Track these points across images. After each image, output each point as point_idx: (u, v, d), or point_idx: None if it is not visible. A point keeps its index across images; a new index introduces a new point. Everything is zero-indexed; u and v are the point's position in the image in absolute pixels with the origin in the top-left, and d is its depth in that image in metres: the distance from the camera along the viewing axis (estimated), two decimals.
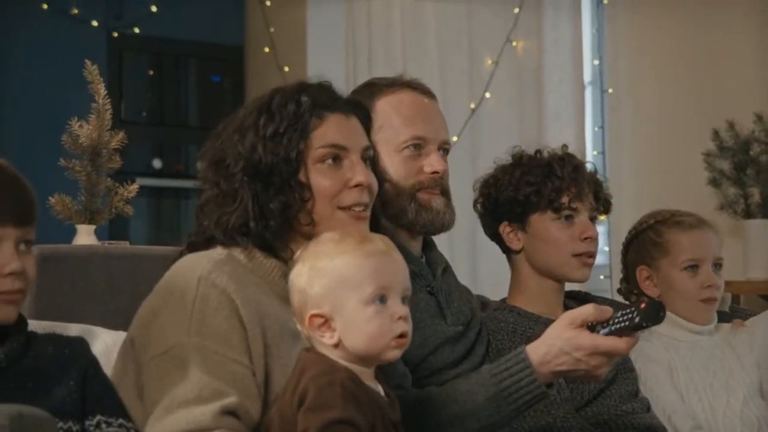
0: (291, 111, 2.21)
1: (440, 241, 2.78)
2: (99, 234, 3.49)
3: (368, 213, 2.28)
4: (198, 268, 2.11)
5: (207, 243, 2.21)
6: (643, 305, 2.13)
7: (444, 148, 2.64)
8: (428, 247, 2.70)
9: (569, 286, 2.88)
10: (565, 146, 2.83)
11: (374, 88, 2.63)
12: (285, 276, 2.16)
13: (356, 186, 2.23)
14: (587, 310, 2.23)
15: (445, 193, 2.62)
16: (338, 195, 2.22)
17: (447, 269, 2.71)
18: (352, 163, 2.24)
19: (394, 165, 2.57)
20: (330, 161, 2.22)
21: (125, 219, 5.11)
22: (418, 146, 2.59)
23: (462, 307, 2.67)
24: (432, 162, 2.59)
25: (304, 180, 2.20)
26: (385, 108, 2.59)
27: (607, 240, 5.14)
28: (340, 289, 2.01)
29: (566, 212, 2.74)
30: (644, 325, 2.13)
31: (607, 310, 2.21)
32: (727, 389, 2.91)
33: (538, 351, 2.25)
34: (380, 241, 2.08)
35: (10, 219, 1.88)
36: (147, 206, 6.35)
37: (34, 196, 1.93)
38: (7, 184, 1.90)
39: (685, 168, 5.04)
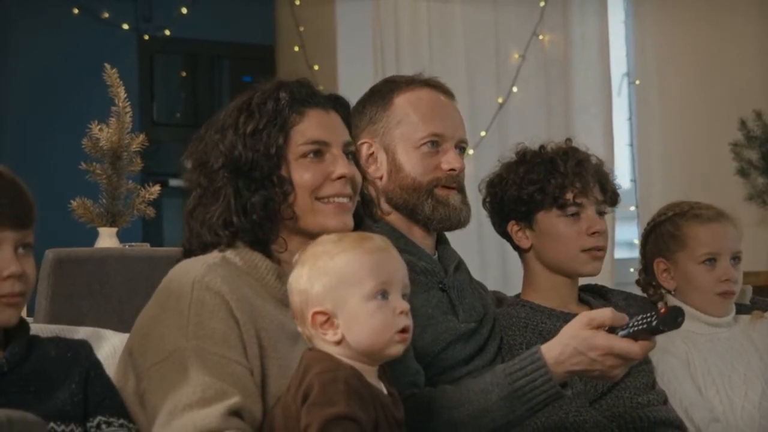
0: (270, 108, 2.23)
1: (454, 237, 2.79)
2: (130, 236, 3.52)
3: (352, 205, 2.29)
4: (192, 273, 2.13)
5: (203, 249, 2.23)
6: (663, 310, 2.14)
7: (461, 146, 2.65)
8: (441, 243, 2.71)
9: (585, 280, 2.88)
10: (569, 140, 2.82)
11: (393, 84, 2.66)
12: (280, 278, 2.18)
13: (339, 178, 2.24)
14: (605, 314, 2.22)
15: (461, 190, 2.64)
16: (320, 187, 2.24)
17: (460, 266, 2.71)
18: (333, 157, 2.25)
19: (411, 161, 2.60)
20: (312, 156, 2.24)
21: (158, 221, 5.16)
22: (435, 143, 2.60)
23: (474, 304, 2.67)
24: (449, 159, 2.60)
25: (285, 175, 2.21)
26: (403, 104, 2.61)
27: (637, 233, 5.11)
28: (342, 286, 2.03)
29: (571, 208, 2.73)
30: (662, 329, 2.13)
31: (623, 317, 2.20)
32: (745, 382, 2.88)
33: (553, 350, 2.24)
34: (378, 239, 2.10)
35: (8, 222, 1.91)
36: (182, 207, 6.37)
37: (31, 200, 1.96)
38: (4, 188, 1.92)
39: (714, 158, 5.01)
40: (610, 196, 2.82)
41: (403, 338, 2.04)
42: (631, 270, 5.11)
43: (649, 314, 2.15)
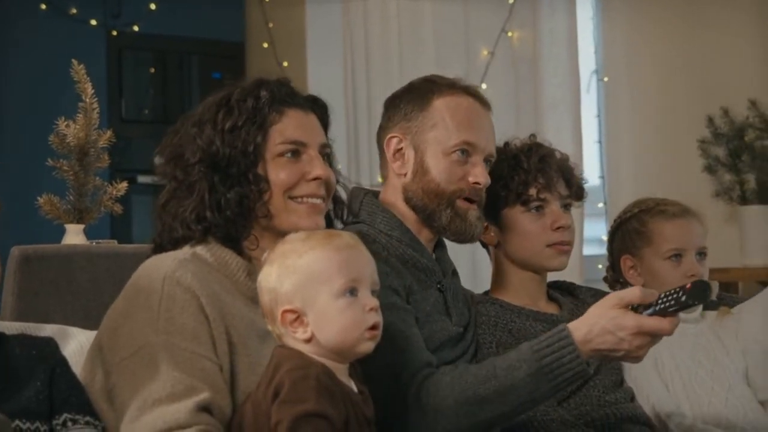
0: (250, 105, 2.24)
1: None
2: (98, 232, 3.50)
3: (325, 207, 2.30)
4: (162, 268, 2.13)
5: (174, 244, 2.22)
6: (688, 285, 2.13)
7: (489, 160, 2.65)
8: (440, 247, 2.71)
9: (556, 276, 2.89)
10: (533, 136, 2.83)
11: (433, 85, 2.64)
12: (250, 275, 2.18)
13: (314, 179, 2.25)
14: (633, 293, 2.24)
15: (480, 205, 2.64)
16: (294, 187, 2.24)
17: (455, 272, 2.73)
18: (310, 158, 2.27)
19: (439, 166, 2.58)
20: (289, 155, 2.25)
21: (126, 217, 5.14)
22: (466, 152, 2.59)
23: (463, 309, 2.69)
24: (477, 173, 2.59)
25: (261, 173, 2.22)
26: (441, 108, 2.60)
27: (605, 229, 5.12)
28: (311, 284, 2.03)
29: (535, 203, 2.74)
30: (690, 303, 2.13)
31: (653, 293, 2.21)
32: (712, 377, 2.89)
33: (580, 329, 2.25)
34: (347, 236, 2.11)
35: None
36: (150, 204, 6.34)
37: None
38: None
39: (682, 155, 5.02)
40: (576, 191, 2.82)
41: (372, 335, 2.05)
42: (600, 267, 5.10)
43: (675, 290, 2.16)
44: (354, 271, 2.05)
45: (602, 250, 5.05)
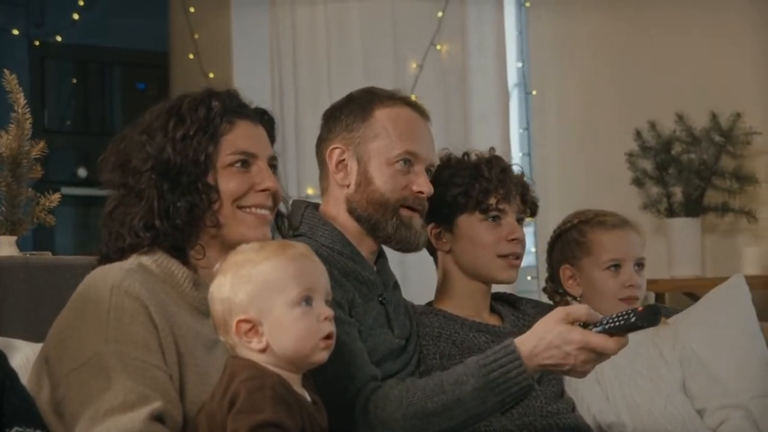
0: (201, 115, 2.23)
1: None
2: (22, 245, 3.45)
3: (271, 218, 2.31)
4: (109, 278, 2.10)
5: (119, 253, 2.20)
6: (640, 308, 2.16)
7: (430, 170, 2.66)
8: (381, 259, 2.71)
9: (496, 288, 2.90)
10: (492, 149, 2.86)
11: (374, 96, 2.65)
12: (197, 286, 2.18)
13: (263, 191, 2.26)
14: (580, 309, 2.27)
15: (423, 214, 2.65)
16: (243, 197, 2.24)
17: (396, 285, 2.73)
18: (259, 169, 2.27)
19: (383, 176, 2.59)
20: (239, 165, 2.25)
21: (50, 229, 5.06)
22: (408, 162, 2.60)
23: (405, 321, 2.69)
24: (420, 182, 2.61)
25: (211, 182, 2.22)
26: (383, 118, 2.61)
27: (534, 241, 5.17)
28: (266, 293, 2.02)
29: (493, 213, 2.77)
30: (641, 325, 2.15)
31: (597, 315, 2.24)
32: (651, 386, 2.93)
33: (527, 344, 2.27)
34: (300, 246, 2.11)
35: None
36: (72, 216, 6.28)
37: None
38: None
39: (610, 168, 5.08)
40: (530, 206, 2.86)
41: (327, 344, 2.05)
42: (529, 278, 5.18)
43: (626, 311, 2.18)
44: (309, 280, 2.05)
45: (532, 261, 5.14)
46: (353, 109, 2.64)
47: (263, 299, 2.02)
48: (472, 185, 2.76)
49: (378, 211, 2.59)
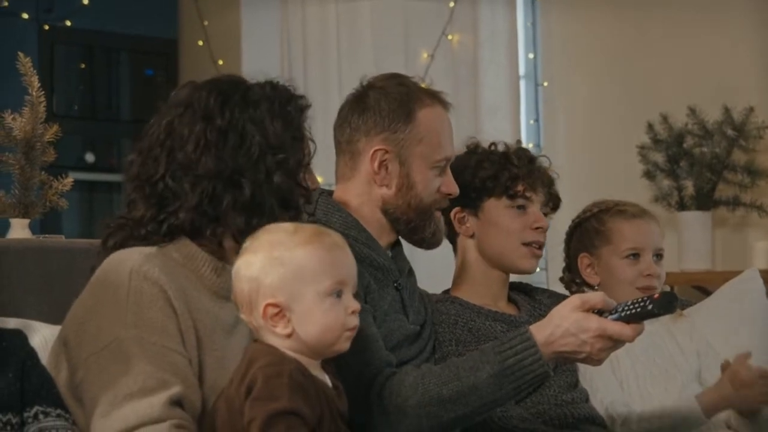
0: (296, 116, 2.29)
1: None
2: (32, 228, 3.44)
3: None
4: (129, 262, 2.09)
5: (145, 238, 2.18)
6: (656, 295, 2.16)
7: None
8: (396, 246, 2.70)
9: (511, 278, 2.89)
10: (518, 141, 2.87)
11: (412, 93, 2.58)
12: (216, 271, 2.17)
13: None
14: (596, 296, 2.26)
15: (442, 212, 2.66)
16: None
17: (411, 272, 2.72)
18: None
19: (425, 180, 2.57)
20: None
21: (58, 213, 5.05)
22: (444, 165, 2.59)
23: (420, 308, 2.68)
24: (449, 183, 2.61)
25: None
26: (425, 122, 2.56)
27: None
28: (299, 281, 2.00)
29: (520, 201, 2.77)
30: (657, 312, 2.15)
31: (613, 302, 2.24)
32: (666, 376, 2.93)
33: (543, 331, 2.27)
34: (335, 235, 2.09)
35: None
36: (79, 200, 6.27)
37: None
38: None
39: (620, 160, 5.08)
40: (553, 200, 2.86)
41: (350, 336, 2.05)
42: (538, 269, 5.16)
43: (642, 298, 2.18)
44: (342, 272, 2.03)
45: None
46: (394, 108, 2.56)
47: (295, 286, 2.00)
48: (501, 171, 2.76)
49: (419, 216, 2.58)
